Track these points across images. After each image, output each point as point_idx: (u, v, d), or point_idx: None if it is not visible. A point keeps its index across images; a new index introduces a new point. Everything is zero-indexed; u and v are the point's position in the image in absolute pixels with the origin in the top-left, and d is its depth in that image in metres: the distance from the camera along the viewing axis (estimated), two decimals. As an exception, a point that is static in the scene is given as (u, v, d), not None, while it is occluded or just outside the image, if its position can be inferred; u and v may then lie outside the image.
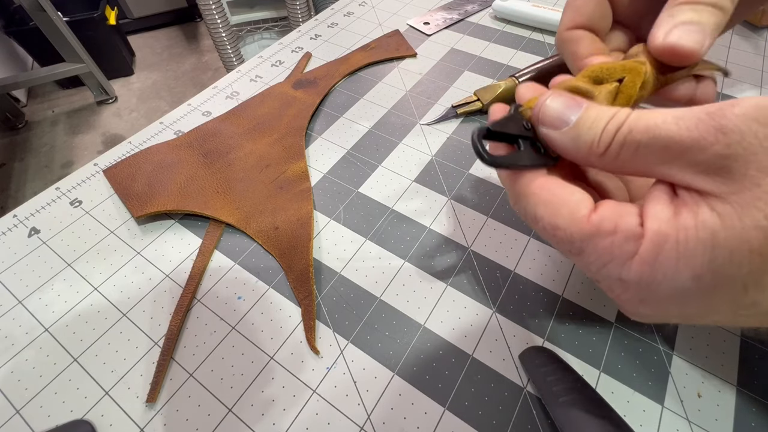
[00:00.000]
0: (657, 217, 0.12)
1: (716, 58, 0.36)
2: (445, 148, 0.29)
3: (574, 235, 0.13)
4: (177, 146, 0.29)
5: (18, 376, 0.19)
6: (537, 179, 0.14)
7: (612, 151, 0.13)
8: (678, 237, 0.11)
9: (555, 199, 0.13)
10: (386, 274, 0.22)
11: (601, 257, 0.12)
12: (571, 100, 0.14)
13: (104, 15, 1.34)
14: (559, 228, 0.13)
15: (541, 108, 0.14)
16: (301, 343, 0.20)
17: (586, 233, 0.13)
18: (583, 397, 0.16)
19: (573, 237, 0.13)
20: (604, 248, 0.12)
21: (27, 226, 0.25)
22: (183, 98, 1.37)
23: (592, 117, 0.13)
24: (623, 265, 0.12)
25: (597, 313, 0.20)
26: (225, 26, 1.07)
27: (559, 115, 0.14)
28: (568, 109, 0.14)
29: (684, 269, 0.11)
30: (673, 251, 0.11)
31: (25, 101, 1.40)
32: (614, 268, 0.12)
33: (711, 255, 0.10)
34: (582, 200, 0.13)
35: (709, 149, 0.11)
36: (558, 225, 0.13)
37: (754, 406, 0.17)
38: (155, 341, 0.20)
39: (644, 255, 0.12)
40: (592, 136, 0.13)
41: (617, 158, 0.13)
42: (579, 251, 0.13)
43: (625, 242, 0.12)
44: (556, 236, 0.13)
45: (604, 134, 0.13)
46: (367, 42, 0.38)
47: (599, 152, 0.13)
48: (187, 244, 0.24)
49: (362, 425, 0.17)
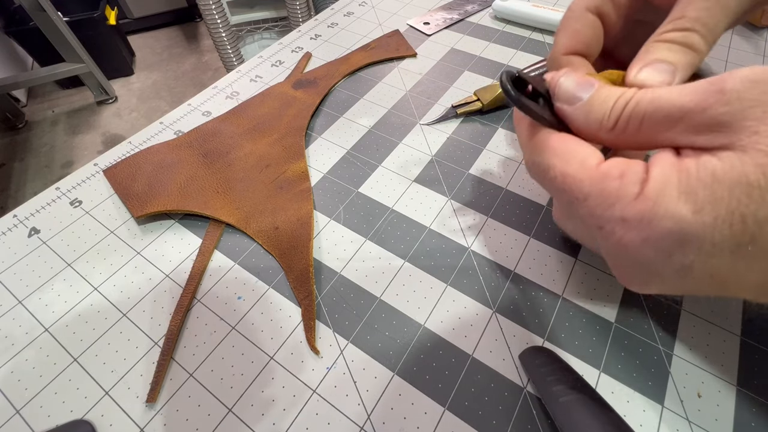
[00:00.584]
0: (660, 164, 0.13)
1: (716, 59, 0.36)
2: (445, 148, 0.29)
3: (584, 181, 0.14)
4: (177, 146, 0.29)
5: (18, 376, 0.19)
6: (553, 134, 0.15)
7: (621, 124, 0.14)
8: (680, 177, 0.12)
9: (568, 150, 0.15)
10: (386, 274, 0.22)
11: (607, 199, 0.13)
12: (583, 79, 0.15)
13: (104, 15, 1.34)
14: (568, 175, 0.14)
15: (557, 84, 0.16)
16: (301, 343, 0.20)
17: (594, 178, 0.14)
18: (583, 397, 0.16)
19: (582, 182, 0.14)
20: (610, 191, 0.13)
21: (27, 226, 0.25)
22: (183, 98, 1.37)
23: (603, 95, 0.14)
24: (627, 204, 0.13)
25: (597, 313, 0.20)
26: (225, 26, 1.07)
27: (573, 91, 0.15)
28: (581, 87, 0.15)
29: (685, 204, 0.12)
30: (674, 188, 0.12)
31: (25, 101, 1.40)
32: (618, 209, 0.13)
33: (711, 190, 0.11)
34: (592, 153, 0.14)
35: (709, 109, 0.12)
36: (568, 172, 0.14)
37: (754, 406, 0.17)
38: (155, 341, 0.20)
39: (648, 193, 0.12)
40: (603, 111, 0.14)
41: (625, 131, 0.14)
42: (585, 196, 0.14)
43: (630, 185, 0.13)
44: (565, 183, 0.14)
45: (614, 109, 0.14)
46: (367, 42, 0.38)
47: (609, 126, 0.14)
48: (187, 244, 0.24)
49: (362, 425, 0.17)
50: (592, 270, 0.22)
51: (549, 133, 0.15)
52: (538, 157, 0.15)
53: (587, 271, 0.22)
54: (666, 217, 0.12)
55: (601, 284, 0.21)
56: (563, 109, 0.15)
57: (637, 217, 0.12)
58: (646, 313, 0.20)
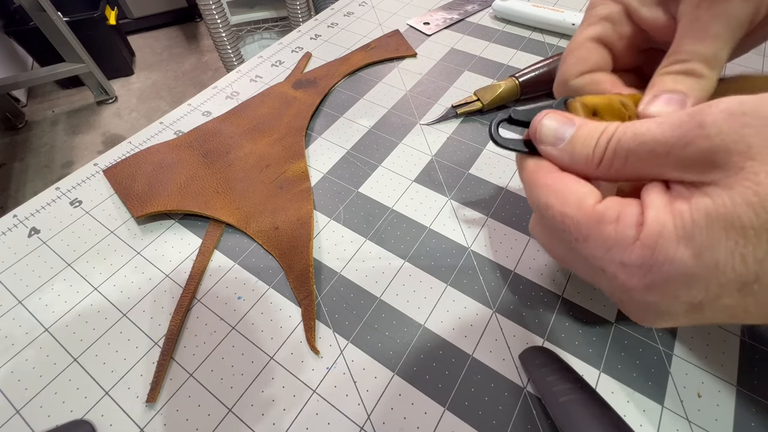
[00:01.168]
0: (654, 205, 0.13)
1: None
2: (445, 148, 0.29)
3: (581, 222, 0.14)
4: (177, 146, 0.29)
5: (18, 376, 0.19)
6: (551, 173, 0.15)
7: (606, 161, 0.14)
8: (675, 221, 0.12)
9: (565, 190, 0.15)
10: (386, 274, 0.22)
11: (606, 242, 0.13)
12: (564, 119, 0.15)
13: (104, 15, 1.34)
14: (567, 216, 0.14)
15: (538, 127, 0.16)
16: (301, 343, 0.20)
17: (592, 220, 0.14)
18: (583, 397, 0.16)
19: (580, 224, 0.14)
20: (608, 234, 0.13)
21: (27, 226, 0.25)
22: (183, 98, 1.37)
23: (585, 133, 0.15)
24: (626, 249, 0.13)
25: (597, 313, 0.20)
26: (225, 26, 1.07)
27: (555, 132, 0.15)
28: (562, 127, 0.15)
29: (684, 249, 0.12)
30: (672, 234, 0.12)
31: (25, 101, 1.40)
32: (618, 253, 0.13)
33: (707, 233, 0.11)
34: (589, 192, 0.14)
35: (692, 145, 0.12)
36: (566, 213, 0.14)
37: (754, 406, 0.17)
38: (155, 341, 0.20)
39: (645, 239, 0.12)
40: (586, 150, 0.14)
41: (611, 167, 0.14)
42: (585, 238, 0.14)
43: (627, 228, 0.13)
44: (564, 223, 0.14)
45: (596, 148, 0.14)
46: (367, 42, 0.38)
47: (595, 164, 0.14)
48: (187, 244, 0.24)
49: (362, 425, 0.17)
50: (592, 270, 0.22)
51: (547, 172, 0.16)
52: (536, 193, 0.16)
53: (587, 271, 0.22)
54: (666, 263, 0.12)
55: (601, 284, 0.21)
56: (548, 152, 0.16)
57: (637, 263, 0.12)
58: (646, 313, 0.20)
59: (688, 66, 0.16)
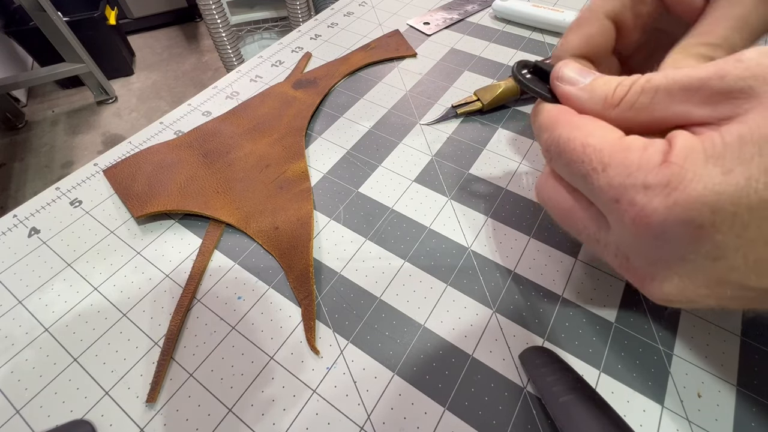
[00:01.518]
0: (682, 136, 0.12)
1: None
2: (445, 148, 0.29)
3: (604, 150, 0.13)
4: (177, 146, 0.29)
5: (18, 376, 0.19)
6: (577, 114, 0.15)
7: (628, 99, 0.14)
8: (704, 144, 0.12)
9: (590, 125, 0.15)
10: (386, 274, 0.22)
11: (629, 167, 0.13)
12: (584, 69, 0.16)
13: (104, 15, 1.34)
14: (589, 145, 0.14)
15: (560, 70, 0.16)
16: (301, 343, 0.20)
17: (616, 148, 0.13)
18: (583, 397, 0.16)
19: (602, 152, 0.13)
20: (632, 160, 0.13)
21: (27, 226, 0.25)
22: (183, 98, 1.37)
23: (605, 78, 0.15)
24: (650, 171, 0.12)
25: (597, 313, 0.20)
26: (225, 26, 1.07)
27: (578, 72, 0.16)
28: (581, 74, 0.16)
29: (714, 167, 0.11)
30: (700, 154, 0.12)
31: (25, 101, 1.40)
32: (640, 175, 0.12)
33: (739, 151, 0.11)
34: (614, 129, 0.14)
35: (728, 76, 0.12)
36: (589, 142, 0.14)
37: (754, 406, 0.17)
38: (155, 341, 0.20)
39: (673, 158, 0.12)
40: (606, 89, 0.15)
41: (633, 106, 0.14)
42: (604, 166, 0.13)
43: (654, 154, 0.13)
44: (585, 152, 0.14)
45: (619, 87, 0.14)
46: (367, 42, 0.38)
47: (614, 102, 0.14)
48: (187, 244, 0.24)
49: (362, 425, 0.17)
50: (592, 270, 0.22)
51: (573, 114, 0.15)
52: (557, 131, 0.15)
53: (587, 271, 0.22)
54: (695, 180, 0.11)
55: (601, 284, 0.21)
56: (566, 90, 0.16)
57: (662, 182, 0.12)
58: (646, 313, 0.20)
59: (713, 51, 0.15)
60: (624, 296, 0.21)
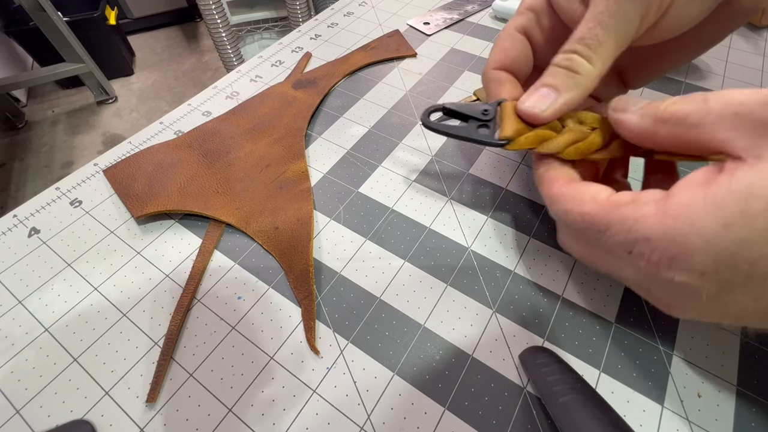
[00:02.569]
0: (687, 182, 0.13)
1: (716, 58, 0.36)
2: (445, 148, 0.29)
3: (599, 213, 0.14)
4: (177, 146, 0.29)
5: (18, 376, 0.19)
6: (563, 184, 0.17)
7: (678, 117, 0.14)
8: (706, 192, 0.12)
9: (578, 193, 0.16)
10: (386, 274, 0.22)
11: (625, 222, 0.13)
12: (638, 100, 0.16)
13: (104, 15, 1.34)
14: (585, 213, 0.15)
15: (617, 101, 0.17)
16: (301, 343, 0.20)
17: (608, 207, 0.14)
18: (583, 397, 0.16)
19: (598, 215, 0.14)
20: (626, 214, 0.13)
21: (27, 226, 0.25)
22: (183, 98, 1.37)
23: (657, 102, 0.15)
24: (646, 222, 0.13)
25: (597, 313, 0.20)
26: (225, 26, 1.07)
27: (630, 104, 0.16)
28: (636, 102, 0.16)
29: (712, 218, 0.11)
30: (700, 203, 0.11)
31: (25, 101, 1.40)
32: (639, 228, 0.13)
33: (744, 204, 0.11)
34: (601, 189, 0.15)
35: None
36: (584, 210, 0.15)
37: (754, 406, 0.17)
38: (155, 341, 0.20)
39: (667, 209, 0.12)
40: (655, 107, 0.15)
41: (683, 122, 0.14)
42: (606, 227, 0.14)
43: (645, 205, 0.13)
44: (585, 220, 0.15)
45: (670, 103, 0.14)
46: (367, 42, 0.38)
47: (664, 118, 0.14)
48: (187, 244, 0.24)
49: (362, 425, 0.17)
50: (592, 270, 0.22)
51: (560, 185, 0.17)
52: (556, 205, 0.17)
53: (587, 271, 0.22)
54: (692, 233, 0.11)
55: (601, 284, 0.21)
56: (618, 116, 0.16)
57: (659, 234, 0.12)
58: (646, 313, 0.20)
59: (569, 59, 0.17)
60: (624, 296, 0.21)
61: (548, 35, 0.21)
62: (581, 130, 0.18)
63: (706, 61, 0.35)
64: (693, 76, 0.34)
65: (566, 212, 0.16)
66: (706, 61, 0.35)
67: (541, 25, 0.21)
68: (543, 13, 0.20)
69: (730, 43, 0.38)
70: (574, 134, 0.18)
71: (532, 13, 0.21)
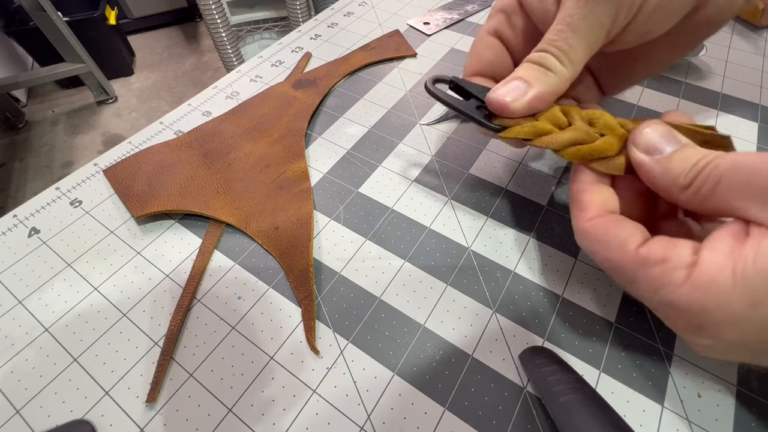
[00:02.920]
0: (715, 248, 0.12)
1: (716, 58, 0.36)
2: (445, 148, 0.29)
3: (626, 266, 0.14)
4: (177, 146, 0.29)
5: (18, 376, 0.19)
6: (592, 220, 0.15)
7: (696, 184, 0.13)
8: (735, 266, 0.11)
9: (606, 237, 0.15)
10: (386, 274, 0.22)
11: (652, 284, 0.13)
12: (670, 134, 0.15)
13: (104, 15, 1.34)
14: (610, 260, 0.14)
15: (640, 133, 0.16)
16: (301, 343, 0.20)
17: (636, 263, 0.13)
18: (583, 397, 0.16)
19: (624, 267, 0.14)
20: (654, 276, 0.13)
21: (27, 226, 0.25)
22: (183, 98, 1.37)
23: (687, 153, 0.14)
24: (675, 290, 0.12)
25: (597, 313, 0.20)
26: (225, 26, 1.07)
27: (656, 144, 0.15)
28: (664, 141, 0.15)
29: (739, 297, 0.11)
30: (728, 279, 0.11)
31: (25, 101, 1.40)
32: (666, 294, 0.13)
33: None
34: (631, 235, 0.14)
35: None
36: (610, 257, 0.14)
37: (754, 406, 0.17)
38: (155, 341, 0.20)
39: (695, 281, 0.12)
40: (681, 168, 0.14)
41: (699, 193, 0.13)
42: (632, 280, 0.14)
43: (674, 270, 0.12)
44: (610, 267, 0.15)
45: (693, 168, 0.14)
46: (367, 42, 0.38)
47: (684, 185, 0.14)
48: (187, 244, 0.24)
49: (362, 425, 0.17)
50: (592, 270, 0.22)
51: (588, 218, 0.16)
52: (583, 240, 0.16)
53: (587, 271, 0.22)
54: (718, 311, 0.11)
55: (601, 284, 0.21)
56: (639, 159, 0.15)
57: (685, 305, 0.12)
58: (646, 313, 0.20)
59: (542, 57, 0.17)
60: (624, 296, 0.21)
61: (523, 36, 0.21)
62: (587, 132, 0.17)
63: (706, 62, 0.35)
64: (693, 76, 0.34)
65: (592, 252, 0.15)
66: (706, 61, 0.35)
67: (513, 26, 0.21)
68: (514, 13, 0.20)
69: (730, 43, 0.38)
70: (577, 134, 0.17)
71: (503, 14, 0.21)
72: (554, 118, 0.18)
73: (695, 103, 0.32)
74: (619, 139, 0.17)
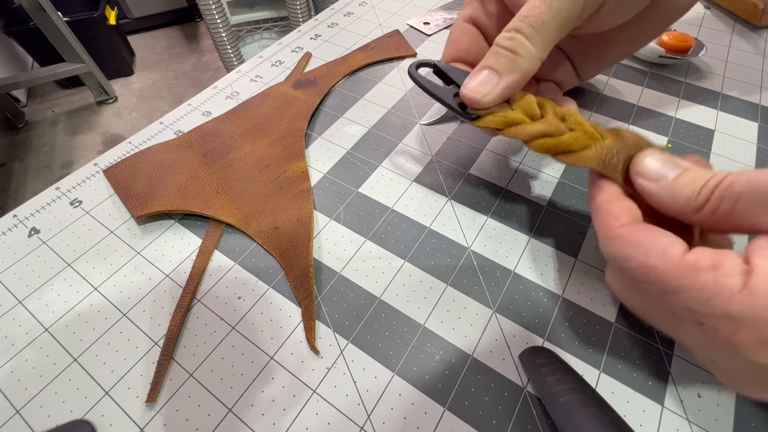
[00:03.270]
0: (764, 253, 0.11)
1: (716, 59, 0.36)
2: (445, 148, 0.29)
3: (670, 273, 0.12)
4: (177, 146, 0.29)
5: (18, 376, 0.19)
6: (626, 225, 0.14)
7: (711, 204, 0.13)
8: None
9: (644, 240, 0.13)
10: (386, 274, 0.22)
11: (703, 292, 0.12)
12: (670, 162, 0.15)
13: (104, 15, 1.34)
14: (651, 267, 0.13)
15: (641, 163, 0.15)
16: (301, 343, 0.20)
17: (683, 270, 0.12)
18: (583, 397, 0.16)
19: (668, 275, 0.12)
20: (705, 283, 0.12)
21: (27, 226, 0.25)
22: (183, 98, 1.37)
23: (692, 175, 0.14)
24: (731, 298, 0.11)
25: (597, 313, 0.20)
26: (225, 26, 1.07)
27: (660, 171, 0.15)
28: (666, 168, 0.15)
29: None
30: None
31: (25, 101, 1.40)
32: (720, 303, 0.11)
33: None
34: (674, 242, 0.13)
35: None
36: (650, 264, 0.13)
37: (754, 406, 0.17)
38: (155, 341, 0.20)
39: (756, 287, 0.11)
40: (690, 190, 0.13)
41: (716, 212, 0.13)
42: (675, 290, 0.12)
43: (729, 276, 0.11)
44: (648, 276, 0.13)
45: (703, 189, 0.13)
46: (367, 42, 0.38)
47: (697, 206, 0.13)
48: (187, 244, 0.24)
49: (362, 425, 0.17)
50: (592, 270, 0.22)
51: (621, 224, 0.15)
52: (613, 246, 0.15)
53: (587, 271, 0.22)
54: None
55: (601, 284, 0.21)
56: (645, 186, 0.15)
57: (747, 313, 0.11)
58: (646, 313, 0.20)
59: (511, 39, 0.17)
60: (624, 296, 0.21)
61: (497, 22, 0.21)
62: (557, 126, 0.17)
63: (706, 62, 0.35)
64: (693, 76, 0.34)
65: (626, 259, 0.14)
66: (706, 61, 0.35)
67: (488, 12, 0.21)
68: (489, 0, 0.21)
69: (730, 43, 0.38)
70: (547, 127, 0.17)
71: (478, 2, 0.21)
72: (529, 107, 0.18)
73: (695, 102, 0.32)
74: (588, 137, 0.17)
